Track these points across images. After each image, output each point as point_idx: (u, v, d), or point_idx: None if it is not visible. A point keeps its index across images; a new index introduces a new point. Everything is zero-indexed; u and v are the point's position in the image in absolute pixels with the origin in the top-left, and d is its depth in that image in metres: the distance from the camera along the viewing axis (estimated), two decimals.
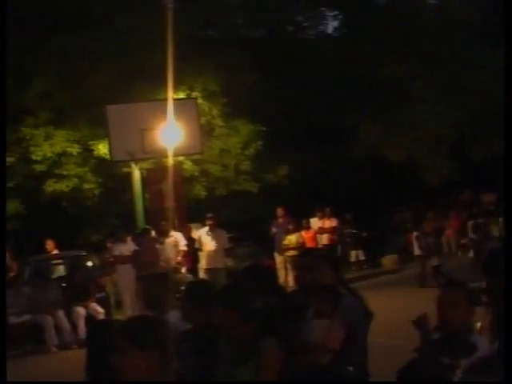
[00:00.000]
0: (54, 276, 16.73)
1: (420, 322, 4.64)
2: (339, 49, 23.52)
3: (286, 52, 23.17)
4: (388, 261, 21.44)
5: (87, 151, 19.50)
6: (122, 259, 15.34)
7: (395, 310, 12.37)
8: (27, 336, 14.03)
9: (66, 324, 13.87)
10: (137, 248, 15.17)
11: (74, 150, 19.46)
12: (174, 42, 12.49)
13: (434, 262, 17.27)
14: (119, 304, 15.92)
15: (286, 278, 17.53)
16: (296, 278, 7.26)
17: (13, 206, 19.78)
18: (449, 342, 4.34)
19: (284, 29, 25.68)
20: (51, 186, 19.35)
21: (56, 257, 17.38)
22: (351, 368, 4.72)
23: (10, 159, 19.77)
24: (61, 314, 13.94)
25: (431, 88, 22.48)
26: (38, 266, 16.52)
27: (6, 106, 13.43)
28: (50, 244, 17.06)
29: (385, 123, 22.57)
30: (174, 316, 5.24)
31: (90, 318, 13.84)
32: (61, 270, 17.13)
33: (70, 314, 14.11)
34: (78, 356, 11.24)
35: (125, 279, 15.09)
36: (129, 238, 15.90)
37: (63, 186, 19.32)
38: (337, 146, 22.63)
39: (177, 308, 5.58)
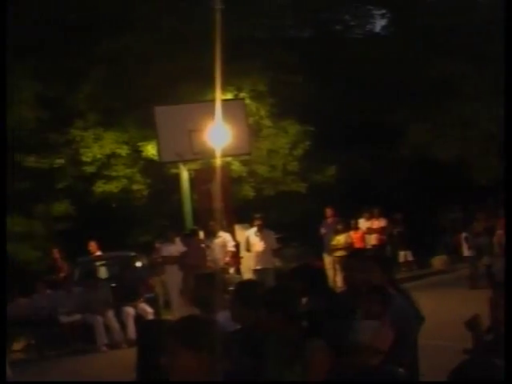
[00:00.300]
0: (104, 276, 16.91)
1: (473, 324, 4.57)
2: (387, 48, 23.33)
3: (333, 51, 23.08)
4: (438, 261, 21.20)
5: (136, 152, 19.65)
6: (171, 260, 15.42)
7: (445, 311, 12.23)
8: (77, 335, 14.19)
9: (115, 324, 13.99)
10: (184, 249, 15.23)
11: (123, 151, 19.64)
12: (222, 42, 12.52)
13: (485, 262, 17.03)
14: (168, 304, 16.01)
15: (335, 278, 17.45)
16: (345, 279, 7.20)
17: (63, 207, 20.04)
18: (502, 343, 4.27)
19: (331, 28, 25.58)
20: (100, 187, 19.55)
21: (106, 257, 17.56)
22: (401, 369, 4.66)
23: (60, 161, 20.04)
24: (110, 313, 14.06)
25: (481, 86, 22.17)
26: (88, 266, 16.70)
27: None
28: (93, 245, 17.24)
29: (434, 122, 22.32)
30: (222, 316, 5.24)
31: (140, 318, 13.95)
32: (110, 271, 17.30)
33: (119, 314, 14.22)
34: (128, 355, 11.35)
35: (173, 279, 15.16)
36: (177, 239, 15.98)
37: (112, 187, 19.51)
38: (385, 145, 22.45)
39: (225, 308, 5.58)
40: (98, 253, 17.21)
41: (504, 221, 23.40)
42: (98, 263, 17.32)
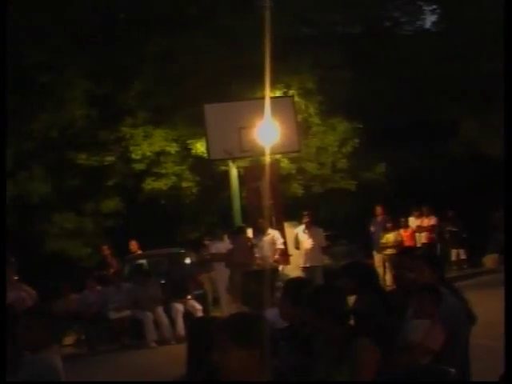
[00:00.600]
0: (153, 273, 17.02)
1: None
2: (438, 44, 23.04)
3: (383, 48, 22.87)
4: (489, 260, 20.88)
5: (185, 150, 19.74)
6: (219, 257, 15.45)
7: (497, 311, 12.03)
8: (127, 331, 14.31)
9: (165, 320, 14.07)
10: (231, 246, 15.25)
11: (173, 148, 19.74)
12: (272, 40, 12.50)
13: None
14: (216, 301, 16.05)
15: (384, 276, 17.32)
16: (394, 277, 7.14)
17: (113, 204, 20.23)
18: None
19: (381, 25, 25.35)
20: (150, 185, 19.68)
21: (155, 254, 17.67)
22: (453, 370, 4.59)
23: (110, 158, 20.23)
24: (160, 310, 14.14)
25: None
26: (137, 262, 16.83)
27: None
28: (133, 244, 17.33)
29: (486, 119, 21.99)
30: (271, 313, 5.22)
31: (188, 315, 14.01)
32: (160, 267, 17.40)
33: (168, 311, 14.30)
34: (177, 351, 11.41)
35: (222, 277, 15.19)
36: (226, 236, 16.03)
37: (162, 185, 19.63)
38: (436, 143, 22.19)
39: (274, 306, 5.56)
40: (139, 252, 17.32)
41: None
42: (148, 260, 17.44)
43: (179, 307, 14.31)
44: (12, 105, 19.29)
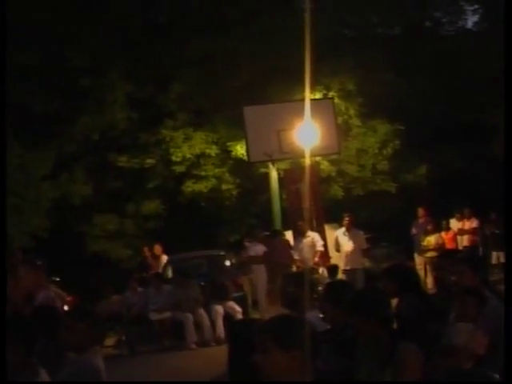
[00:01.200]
0: (194, 275, 17.06)
1: None
2: (480, 44, 22.79)
3: (424, 49, 22.71)
4: None
5: (225, 152, 19.80)
6: (257, 259, 15.43)
7: None
8: (167, 332, 14.35)
9: (206, 321, 14.08)
10: (267, 249, 15.22)
11: (213, 151, 19.81)
12: (311, 42, 12.45)
13: None
14: (256, 303, 16.05)
15: (425, 279, 17.15)
16: (436, 280, 7.07)
17: (153, 206, 20.36)
18: None
19: (422, 25, 25.17)
20: (190, 187, 19.76)
21: (195, 256, 17.72)
22: (497, 375, 4.52)
23: (150, 161, 20.36)
24: (201, 311, 14.17)
25: None
26: (178, 264, 16.88)
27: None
28: (157, 248, 17.30)
29: None
30: (311, 316, 5.20)
31: (228, 317, 14.02)
32: (200, 269, 17.44)
33: (208, 312, 14.32)
34: (217, 353, 11.44)
35: (260, 279, 15.18)
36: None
37: (202, 187, 19.70)
38: (478, 144, 21.95)
39: (315, 308, 5.53)
40: (164, 256, 17.29)
41: None
42: (188, 261, 17.48)
43: (219, 309, 14.32)
44: (54, 108, 19.55)
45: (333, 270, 15.07)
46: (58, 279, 19.00)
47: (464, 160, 22.10)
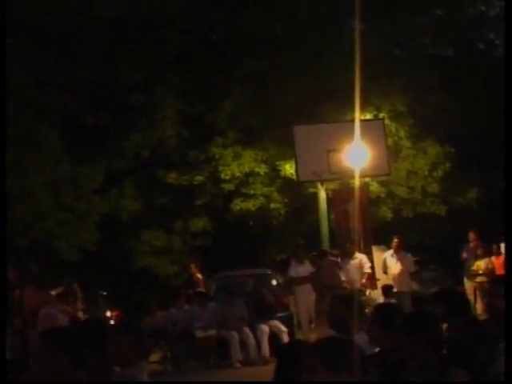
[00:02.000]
0: (239, 293, 17.03)
1: None
2: None
3: (476, 71, 22.46)
4: None
5: (274, 171, 19.78)
6: (303, 279, 15.34)
7: None
8: (212, 350, 14.32)
9: (251, 340, 14.02)
10: (314, 269, 15.12)
11: (262, 169, 19.81)
12: (362, 62, 12.41)
13: None
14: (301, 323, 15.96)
15: (475, 305, 16.88)
16: (486, 306, 6.94)
17: (201, 223, 20.41)
18: None
19: (474, 47, 24.93)
20: (238, 205, 19.77)
21: (242, 274, 17.70)
22: None
23: (199, 178, 20.45)
24: (246, 330, 14.12)
25: None
26: (224, 282, 16.87)
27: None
28: (193, 268, 17.29)
29: None
30: (360, 338, 5.13)
31: (274, 336, 13.95)
32: (246, 287, 17.41)
33: (253, 331, 14.26)
34: (261, 373, 11.35)
35: (302, 300, 15.09)
36: (307, 260, 15.88)
37: (250, 205, 19.69)
38: None
39: (362, 330, 5.47)
40: (199, 275, 17.28)
41: None
42: (235, 279, 17.47)
43: (265, 328, 14.25)
44: (105, 123, 19.78)
45: (387, 290, 14.95)
46: (104, 293, 19.20)
47: None
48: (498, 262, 18.94)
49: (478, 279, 17.42)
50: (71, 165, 19.13)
